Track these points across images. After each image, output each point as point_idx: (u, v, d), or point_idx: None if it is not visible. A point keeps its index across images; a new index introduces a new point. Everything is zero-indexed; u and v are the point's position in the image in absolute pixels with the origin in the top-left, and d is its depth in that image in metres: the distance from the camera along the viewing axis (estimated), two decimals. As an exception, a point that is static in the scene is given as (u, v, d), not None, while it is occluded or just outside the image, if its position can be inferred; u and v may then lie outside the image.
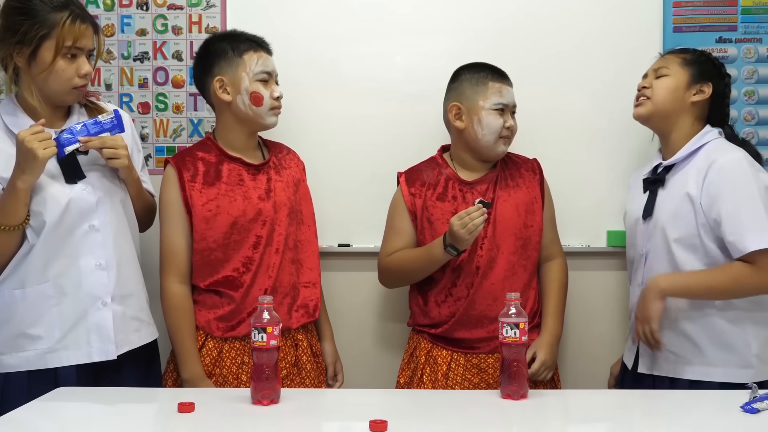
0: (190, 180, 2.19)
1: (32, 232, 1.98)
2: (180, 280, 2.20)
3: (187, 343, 2.17)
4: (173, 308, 2.19)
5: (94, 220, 2.03)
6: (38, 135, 1.90)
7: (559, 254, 2.39)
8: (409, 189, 2.33)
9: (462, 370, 2.25)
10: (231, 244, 2.20)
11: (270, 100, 2.22)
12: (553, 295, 2.33)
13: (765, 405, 1.73)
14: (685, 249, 2.09)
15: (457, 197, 2.30)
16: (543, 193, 2.36)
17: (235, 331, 2.19)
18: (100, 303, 2.03)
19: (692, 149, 2.14)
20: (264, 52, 2.24)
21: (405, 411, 1.83)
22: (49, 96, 2.02)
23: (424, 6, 2.58)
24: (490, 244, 2.26)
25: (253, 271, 2.20)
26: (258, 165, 2.27)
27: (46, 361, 1.99)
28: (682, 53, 2.21)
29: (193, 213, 2.18)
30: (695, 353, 2.09)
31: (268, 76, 2.23)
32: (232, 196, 2.20)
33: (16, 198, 1.92)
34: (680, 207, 2.09)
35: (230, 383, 2.18)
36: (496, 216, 2.27)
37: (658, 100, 2.17)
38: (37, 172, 1.92)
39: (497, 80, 2.29)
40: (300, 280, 2.28)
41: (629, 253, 2.27)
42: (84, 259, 2.02)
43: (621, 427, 1.81)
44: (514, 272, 2.27)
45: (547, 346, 2.25)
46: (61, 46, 1.96)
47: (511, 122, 2.30)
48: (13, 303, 2.00)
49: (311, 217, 2.35)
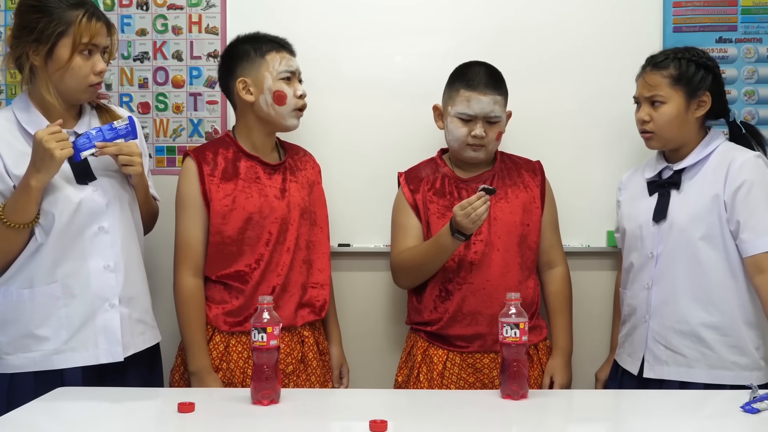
0: (209, 174, 2.22)
1: (41, 231, 1.98)
2: (194, 273, 2.22)
3: (196, 336, 2.19)
4: (185, 300, 2.20)
5: (104, 222, 2.04)
6: (56, 135, 1.90)
7: (561, 261, 2.39)
8: (409, 186, 2.35)
9: (458, 370, 2.25)
10: (245, 240, 2.22)
11: (294, 99, 2.23)
12: (561, 310, 2.35)
13: (765, 405, 1.74)
14: (710, 247, 2.09)
15: (453, 193, 2.31)
16: (543, 195, 2.35)
17: (242, 326, 2.20)
18: (108, 305, 2.03)
19: (704, 154, 2.14)
20: (286, 53, 2.27)
21: (405, 411, 1.83)
22: (65, 94, 2.02)
23: (424, 6, 2.58)
24: (484, 241, 2.26)
25: (263, 267, 2.22)
26: (274, 165, 2.29)
27: (52, 362, 1.99)
28: (665, 68, 2.14)
29: (211, 207, 2.21)
30: (706, 356, 2.08)
31: (292, 75, 2.25)
32: (248, 193, 2.23)
33: (29, 196, 1.92)
34: (703, 207, 2.09)
35: (236, 377, 2.19)
36: (492, 213, 2.27)
37: (666, 134, 2.15)
38: (53, 172, 1.92)
39: (468, 89, 2.25)
40: (309, 280, 2.30)
41: (630, 256, 2.24)
42: (93, 260, 2.02)
43: (621, 427, 1.82)
44: (509, 270, 2.27)
45: (562, 368, 2.29)
46: (77, 44, 1.97)
47: (479, 131, 2.24)
48: (21, 303, 2.00)
49: (324, 219, 2.37)
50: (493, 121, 2.27)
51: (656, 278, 2.15)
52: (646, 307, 2.16)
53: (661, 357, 2.13)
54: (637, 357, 2.18)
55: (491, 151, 2.32)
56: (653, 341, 2.14)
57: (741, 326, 2.07)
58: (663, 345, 2.13)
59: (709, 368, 2.08)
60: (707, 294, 2.09)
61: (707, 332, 2.09)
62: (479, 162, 2.32)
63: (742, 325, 2.07)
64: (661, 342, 2.13)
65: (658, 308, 2.14)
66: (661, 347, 2.13)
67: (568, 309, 2.37)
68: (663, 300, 2.14)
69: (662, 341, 2.13)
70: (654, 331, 2.14)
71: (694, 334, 2.09)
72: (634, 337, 2.20)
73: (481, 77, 2.27)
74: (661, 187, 2.18)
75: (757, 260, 2.04)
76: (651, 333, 2.15)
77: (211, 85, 2.61)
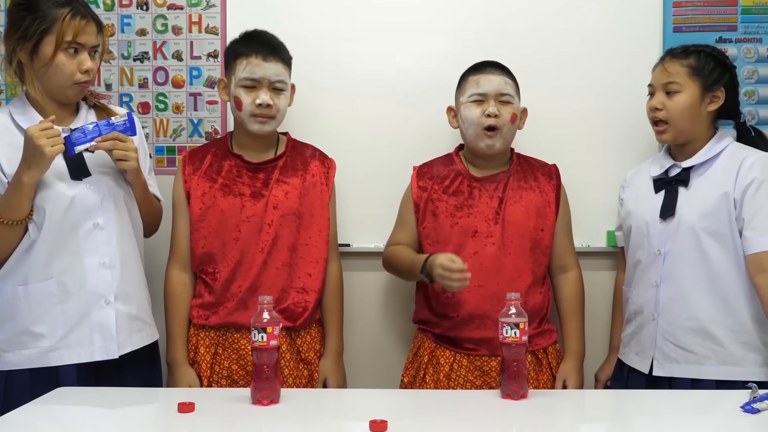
0: (191, 173, 2.29)
1: (34, 227, 1.98)
2: (181, 268, 2.30)
3: (174, 328, 2.27)
4: (168, 293, 2.29)
5: (99, 218, 2.03)
6: (47, 132, 1.90)
7: (574, 265, 2.38)
8: (418, 182, 2.35)
9: (464, 372, 2.24)
10: (217, 237, 2.25)
11: (250, 106, 2.22)
12: (573, 314, 2.34)
13: (765, 405, 1.74)
14: (719, 244, 2.08)
15: (464, 192, 2.30)
16: (558, 199, 2.34)
17: (208, 320, 2.25)
18: (103, 301, 2.03)
19: (715, 152, 2.14)
20: (259, 59, 2.21)
21: (405, 411, 1.83)
22: (52, 91, 2.03)
23: (424, 6, 2.58)
24: (497, 245, 2.25)
25: (231, 266, 2.24)
26: (258, 163, 2.29)
27: (48, 359, 1.99)
28: (685, 58, 2.16)
29: (191, 204, 2.27)
30: (717, 353, 2.08)
31: (255, 83, 2.22)
32: (225, 191, 2.26)
33: (21, 192, 1.93)
34: (713, 204, 2.09)
35: (203, 371, 2.24)
36: (505, 216, 2.27)
37: (678, 124, 2.15)
38: (43, 169, 1.93)
39: (475, 73, 2.29)
40: (293, 284, 2.27)
41: (635, 253, 2.23)
42: (88, 257, 2.02)
43: (621, 427, 1.81)
44: (520, 274, 2.26)
45: (575, 372, 2.28)
46: (61, 41, 1.97)
47: (492, 109, 2.23)
48: (16, 300, 2.00)
49: (324, 223, 2.33)
50: (505, 100, 2.26)
51: (664, 276, 2.14)
52: (654, 305, 2.16)
53: (670, 355, 2.12)
54: (646, 355, 2.17)
55: (507, 138, 2.28)
56: (662, 339, 2.14)
57: (751, 322, 2.07)
58: (672, 343, 2.12)
59: (719, 365, 2.08)
60: (716, 291, 2.09)
61: (718, 329, 2.08)
62: (495, 153, 2.29)
63: (752, 321, 2.07)
64: (671, 340, 2.12)
65: (667, 306, 2.14)
66: (671, 345, 2.12)
67: (581, 313, 2.36)
68: (672, 297, 2.13)
69: (672, 339, 2.12)
70: (663, 329, 2.14)
71: (704, 331, 2.09)
72: (642, 336, 2.19)
73: (488, 63, 2.31)
74: (668, 185, 2.18)
75: (758, 258, 2.04)
76: (660, 331, 2.14)
77: (211, 85, 2.61)
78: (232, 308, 2.23)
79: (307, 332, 2.31)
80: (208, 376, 2.23)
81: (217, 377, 2.24)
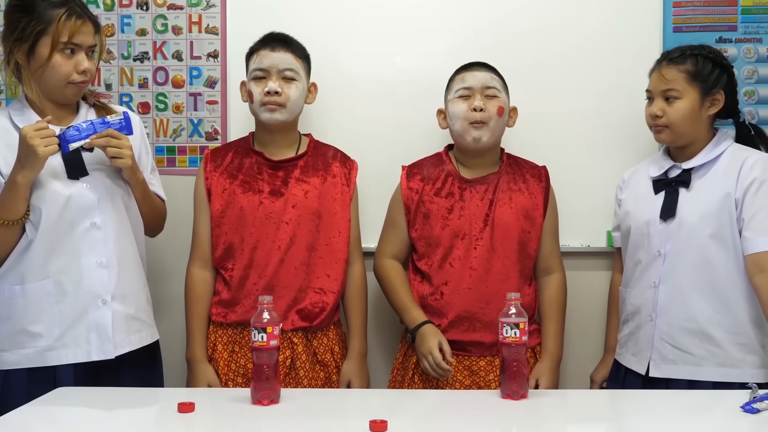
0: (212, 170, 2.30)
1: (31, 227, 1.98)
2: (201, 265, 2.30)
3: (193, 326, 2.27)
4: (188, 290, 2.29)
5: (96, 217, 2.03)
6: (41, 132, 1.90)
7: (558, 268, 2.37)
8: (408, 183, 2.34)
9: (453, 372, 2.23)
10: (236, 234, 2.26)
11: (260, 96, 2.24)
12: (553, 316, 2.33)
13: (765, 405, 1.74)
14: (720, 246, 2.08)
15: (455, 194, 2.30)
16: (546, 202, 2.34)
17: (226, 318, 2.25)
18: (100, 301, 2.02)
19: (715, 154, 2.14)
20: (266, 50, 2.26)
21: (405, 411, 1.83)
22: (49, 91, 2.03)
23: (424, 6, 2.58)
24: (486, 247, 2.25)
25: (245, 264, 2.24)
26: (278, 161, 2.29)
27: (45, 359, 1.99)
28: (682, 63, 2.14)
29: (212, 201, 2.28)
30: (715, 354, 2.08)
31: (264, 73, 2.25)
32: (244, 188, 2.27)
33: (16, 193, 1.93)
34: (714, 205, 2.09)
35: (221, 369, 2.24)
36: (494, 219, 2.27)
37: (678, 128, 2.14)
38: (37, 169, 1.92)
39: (461, 71, 2.31)
40: (311, 284, 2.26)
41: (635, 254, 2.23)
42: (85, 256, 2.02)
43: (620, 427, 1.81)
44: (508, 276, 2.26)
45: (549, 372, 2.26)
46: (56, 42, 1.97)
47: (478, 103, 2.23)
48: (13, 299, 2.00)
49: (345, 224, 2.31)
50: (491, 94, 2.26)
51: (664, 276, 2.14)
52: (652, 306, 2.16)
53: (668, 356, 2.12)
54: (643, 356, 2.17)
55: (495, 133, 2.27)
56: (660, 340, 2.13)
57: (749, 324, 2.07)
58: (670, 344, 2.12)
59: (717, 366, 2.07)
60: (716, 292, 2.09)
61: (716, 330, 2.08)
62: (482, 148, 2.27)
63: (751, 323, 2.07)
64: (668, 341, 2.12)
65: (666, 307, 2.13)
66: (668, 346, 2.12)
67: (562, 316, 2.35)
68: (670, 298, 2.13)
69: (669, 340, 2.12)
70: (661, 330, 2.13)
71: (702, 332, 2.09)
72: (639, 337, 2.19)
73: (475, 62, 2.32)
74: (668, 186, 2.18)
75: (757, 258, 2.04)
76: (658, 332, 2.14)
77: (211, 85, 2.61)
78: (249, 306, 2.22)
79: (324, 334, 2.30)
80: (225, 373, 2.23)
81: (234, 375, 2.23)
